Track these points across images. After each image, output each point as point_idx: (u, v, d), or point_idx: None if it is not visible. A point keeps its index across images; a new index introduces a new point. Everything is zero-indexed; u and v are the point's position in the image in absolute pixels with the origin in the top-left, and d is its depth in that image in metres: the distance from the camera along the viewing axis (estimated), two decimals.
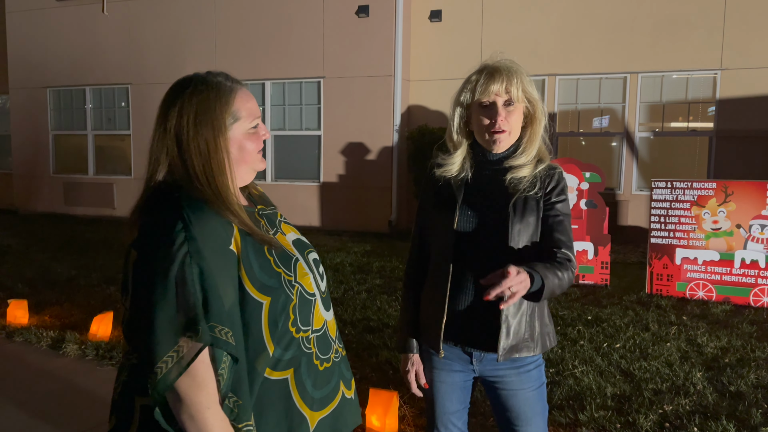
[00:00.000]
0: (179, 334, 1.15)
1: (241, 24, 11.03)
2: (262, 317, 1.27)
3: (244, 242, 1.28)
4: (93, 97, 12.64)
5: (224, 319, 1.19)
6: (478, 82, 1.79)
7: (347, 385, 1.48)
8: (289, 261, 1.36)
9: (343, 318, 5.20)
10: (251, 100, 1.39)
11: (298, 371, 1.33)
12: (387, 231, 10.23)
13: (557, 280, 1.65)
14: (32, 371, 4.13)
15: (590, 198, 6.49)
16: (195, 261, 1.18)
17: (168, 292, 1.16)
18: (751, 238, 5.76)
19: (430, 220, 1.92)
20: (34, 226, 10.95)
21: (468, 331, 1.81)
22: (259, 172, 1.50)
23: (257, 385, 1.27)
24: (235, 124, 1.34)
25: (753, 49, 8.84)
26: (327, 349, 1.42)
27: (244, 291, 1.25)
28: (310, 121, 10.90)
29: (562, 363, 4.12)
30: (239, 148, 1.35)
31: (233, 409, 1.22)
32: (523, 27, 9.87)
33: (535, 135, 1.83)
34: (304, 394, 1.34)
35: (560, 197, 1.82)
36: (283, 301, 1.30)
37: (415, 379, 1.95)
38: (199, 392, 1.17)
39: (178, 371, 1.15)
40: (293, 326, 1.32)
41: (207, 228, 1.21)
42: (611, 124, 9.81)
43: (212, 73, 1.38)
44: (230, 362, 1.21)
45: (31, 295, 5.83)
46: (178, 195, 1.26)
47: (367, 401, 3.25)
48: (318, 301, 1.41)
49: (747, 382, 3.82)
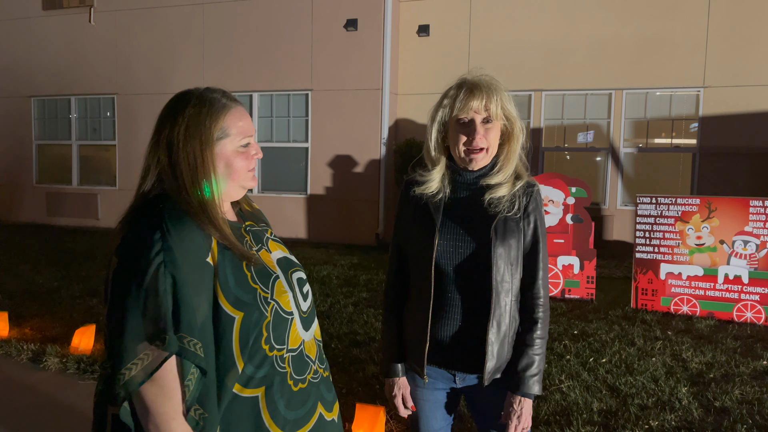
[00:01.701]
0: (147, 341, 1.17)
1: (229, 35, 11.03)
2: (233, 332, 1.27)
3: (222, 256, 1.29)
4: (78, 106, 12.55)
5: (194, 330, 1.20)
6: (457, 97, 1.76)
7: (327, 407, 1.46)
8: (268, 278, 1.36)
9: (329, 332, 5.16)
10: (244, 118, 1.40)
11: (270, 390, 1.32)
12: (374, 244, 10.22)
13: (541, 351, 1.80)
14: (12, 385, 4.05)
15: (576, 212, 6.53)
16: (169, 271, 1.19)
17: (139, 300, 1.18)
18: (735, 253, 5.83)
19: (408, 242, 1.89)
20: (15, 236, 10.79)
21: (451, 355, 1.80)
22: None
23: (226, 400, 1.27)
24: (223, 140, 1.36)
25: (735, 67, 9.00)
26: (303, 370, 1.39)
27: (218, 305, 1.26)
28: (298, 133, 10.90)
29: (549, 378, 4.12)
30: (227, 164, 1.36)
31: (198, 421, 1.22)
32: (510, 43, 9.98)
33: (513, 153, 1.82)
34: (275, 414, 1.32)
35: (538, 216, 1.83)
36: (256, 317, 1.30)
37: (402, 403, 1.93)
38: (166, 402, 1.19)
39: (143, 376, 1.17)
40: (266, 344, 1.31)
41: (185, 239, 1.23)
42: (596, 140, 9.92)
43: (210, 89, 1.40)
44: (198, 374, 1.22)
45: (11, 307, 5.73)
46: (162, 206, 1.28)
47: (353, 416, 3.22)
48: (296, 320, 1.39)
49: (732, 397, 3.84)
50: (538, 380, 1.79)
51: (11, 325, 5.12)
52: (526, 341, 1.80)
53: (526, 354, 1.79)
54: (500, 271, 1.74)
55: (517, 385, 1.78)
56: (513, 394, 1.78)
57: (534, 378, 1.78)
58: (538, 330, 1.80)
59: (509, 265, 1.76)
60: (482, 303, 1.75)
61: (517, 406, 1.77)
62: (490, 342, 1.75)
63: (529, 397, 1.78)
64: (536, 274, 1.82)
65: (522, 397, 1.77)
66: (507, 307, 1.77)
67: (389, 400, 1.96)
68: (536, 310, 1.81)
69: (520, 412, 1.77)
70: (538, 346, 1.80)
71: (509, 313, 1.78)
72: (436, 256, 1.77)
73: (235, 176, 1.38)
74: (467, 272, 1.76)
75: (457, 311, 1.77)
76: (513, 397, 1.78)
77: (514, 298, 1.80)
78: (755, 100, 8.92)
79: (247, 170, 1.40)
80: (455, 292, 1.77)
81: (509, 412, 1.78)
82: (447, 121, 1.82)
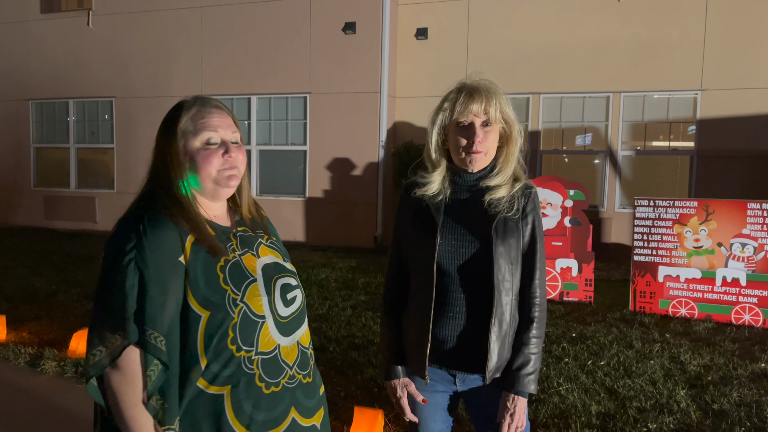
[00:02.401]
0: (112, 330, 1.29)
1: (228, 39, 11.04)
2: (199, 330, 1.34)
3: (195, 257, 1.36)
4: (76, 110, 12.54)
5: (158, 325, 1.29)
6: (457, 101, 1.79)
7: (305, 413, 1.47)
8: (242, 281, 1.40)
9: (327, 335, 5.16)
10: (213, 118, 1.45)
11: (235, 389, 1.35)
12: (372, 246, 10.22)
13: (537, 350, 1.81)
14: (9, 389, 4.04)
15: (574, 215, 6.54)
16: (138, 267, 1.30)
17: (109, 292, 1.31)
18: (732, 256, 5.83)
19: (409, 242, 1.90)
20: (13, 239, 10.77)
21: (452, 355, 1.81)
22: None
23: (189, 394, 1.33)
24: (189, 137, 1.43)
25: (733, 70, 9.02)
26: (276, 374, 1.42)
27: (187, 303, 1.34)
28: (296, 136, 10.91)
29: (547, 381, 4.12)
30: (191, 160, 1.43)
31: (158, 410, 1.30)
32: (508, 46, 10.00)
33: (511, 155, 1.85)
34: (240, 413, 1.35)
35: (536, 217, 1.85)
36: (222, 317, 1.34)
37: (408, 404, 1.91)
38: (129, 390, 1.29)
39: (108, 361, 1.28)
40: (233, 344, 1.35)
41: (158, 238, 1.33)
42: (594, 142, 9.94)
43: (197, 96, 1.51)
44: (161, 366, 1.30)
45: (9, 310, 5.71)
46: (146, 204, 1.39)
47: (351, 420, 3.21)
48: (268, 324, 1.42)
49: (730, 400, 3.84)
50: (533, 379, 1.79)
51: (9, 329, 5.10)
52: (522, 340, 1.81)
53: (522, 352, 1.80)
54: (501, 270, 1.76)
55: (512, 384, 1.79)
56: (507, 393, 1.79)
57: (529, 377, 1.79)
58: (534, 329, 1.82)
59: (509, 265, 1.79)
60: (484, 302, 1.77)
61: (510, 404, 1.78)
62: (492, 341, 1.76)
63: (524, 396, 1.79)
64: (533, 274, 1.84)
65: (516, 396, 1.78)
66: (508, 306, 1.79)
67: (394, 402, 1.94)
68: (533, 310, 1.83)
69: (514, 410, 1.78)
70: (534, 345, 1.81)
71: (510, 312, 1.80)
72: (438, 256, 1.78)
73: (201, 173, 1.43)
74: (468, 271, 1.78)
75: (458, 311, 1.79)
76: (507, 395, 1.79)
77: (515, 297, 1.82)
78: (753, 103, 8.94)
79: (215, 168, 1.43)
80: (456, 292, 1.78)
81: (503, 410, 1.79)
82: (447, 124, 1.84)
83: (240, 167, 1.48)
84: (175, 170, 1.42)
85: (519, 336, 1.82)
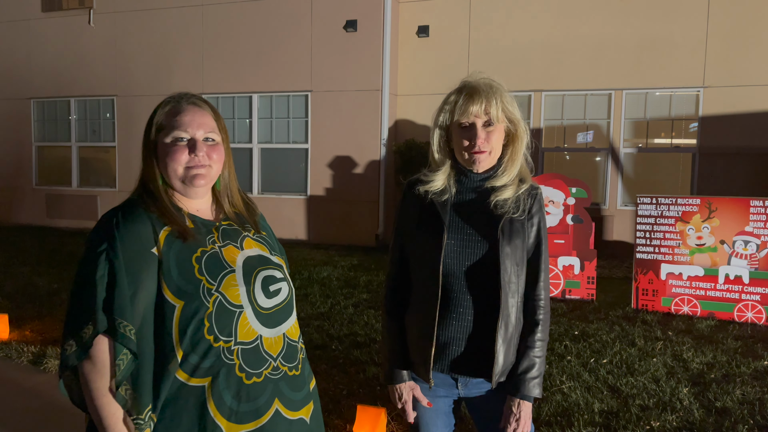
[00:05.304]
0: (83, 323, 1.31)
1: (229, 37, 11.03)
2: (173, 320, 1.34)
3: (168, 248, 1.38)
4: (78, 108, 12.54)
5: (127, 315, 1.30)
6: (457, 102, 1.77)
7: (291, 406, 1.46)
8: (218, 271, 1.41)
9: (329, 333, 5.16)
10: (185, 116, 1.45)
11: (216, 380, 1.35)
12: (374, 245, 10.21)
13: (541, 353, 1.79)
14: (12, 388, 4.04)
15: (576, 213, 6.52)
16: (109, 258, 1.32)
17: (82, 284, 1.33)
18: (735, 253, 5.82)
19: (412, 242, 1.85)
20: (15, 238, 10.78)
21: (456, 358, 1.78)
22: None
23: (167, 386, 1.33)
24: (161, 134, 1.46)
25: (735, 67, 9.00)
26: (258, 364, 1.41)
27: (161, 293, 1.35)
28: (298, 134, 10.90)
29: (550, 379, 4.11)
30: (161, 156, 1.46)
31: (127, 399, 1.31)
32: (509, 43, 9.98)
33: (517, 154, 1.82)
34: (221, 404, 1.35)
35: (541, 218, 1.84)
36: (196, 306, 1.35)
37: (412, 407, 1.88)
38: (98, 378, 1.30)
39: (81, 351, 1.30)
40: (210, 334, 1.35)
41: (130, 230, 1.36)
42: (596, 140, 9.91)
43: (182, 92, 1.53)
44: (130, 356, 1.31)
45: (11, 309, 5.72)
46: (128, 199, 1.44)
47: (354, 418, 3.21)
48: (246, 313, 1.41)
49: (733, 398, 3.83)
50: (538, 383, 1.77)
51: (11, 328, 5.11)
52: (527, 343, 1.79)
53: (527, 356, 1.77)
54: (507, 271, 1.74)
55: (517, 388, 1.76)
56: (512, 397, 1.77)
57: (534, 381, 1.76)
58: (539, 332, 1.79)
59: (515, 266, 1.76)
60: (489, 304, 1.74)
61: (516, 408, 1.76)
62: (499, 343, 1.73)
63: (529, 400, 1.76)
64: (538, 276, 1.81)
65: (521, 400, 1.75)
66: (513, 308, 1.76)
67: (399, 407, 1.91)
68: (537, 312, 1.80)
69: (519, 415, 1.75)
70: (539, 348, 1.78)
71: (515, 314, 1.77)
72: (444, 256, 1.75)
73: (168, 169, 1.45)
74: (475, 272, 1.75)
75: (463, 312, 1.75)
76: (512, 399, 1.77)
77: (520, 299, 1.79)
78: (755, 100, 8.92)
79: (180, 166, 1.44)
80: (462, 293, 1.75)
81: (508, 415, 1.77)
82: (449, 125, 1.82)
83: (213, 166, 1.47)
84: (149, 164, 1.46)
85: (524, 339, 1.79)
